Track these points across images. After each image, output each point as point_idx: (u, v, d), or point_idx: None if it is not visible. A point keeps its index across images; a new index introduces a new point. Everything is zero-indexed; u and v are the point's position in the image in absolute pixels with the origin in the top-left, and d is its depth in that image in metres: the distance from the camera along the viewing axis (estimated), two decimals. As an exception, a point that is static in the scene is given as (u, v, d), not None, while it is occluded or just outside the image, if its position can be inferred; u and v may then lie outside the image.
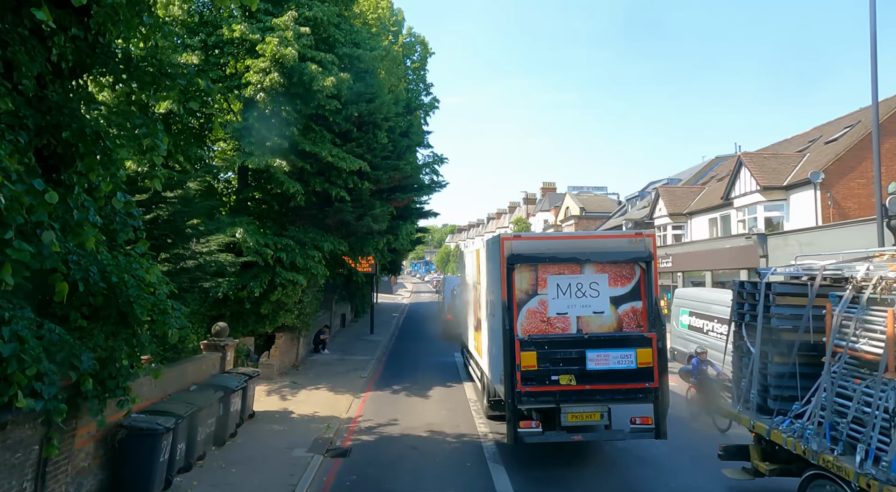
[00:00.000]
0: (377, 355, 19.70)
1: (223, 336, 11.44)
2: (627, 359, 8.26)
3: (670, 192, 31.44)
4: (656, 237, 32.09)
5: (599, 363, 8.21)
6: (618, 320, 8.57)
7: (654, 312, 8.52)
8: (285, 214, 17.27)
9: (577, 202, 48.79)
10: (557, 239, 9.95)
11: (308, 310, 17.05)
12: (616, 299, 8.60)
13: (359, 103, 16.99)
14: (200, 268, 10.31)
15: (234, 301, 14.92)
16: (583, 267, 8.61)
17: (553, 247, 8.77)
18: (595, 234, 11.71)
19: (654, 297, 8.66)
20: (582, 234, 12.12)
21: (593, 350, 8.24)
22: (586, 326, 8.51)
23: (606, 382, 8.22)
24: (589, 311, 8.54)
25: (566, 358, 8.23)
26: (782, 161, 22.41)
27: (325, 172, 16.27)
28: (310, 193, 16.62)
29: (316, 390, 14.16)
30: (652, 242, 8.78)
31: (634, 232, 9.27)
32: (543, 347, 8.23)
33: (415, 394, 14.12)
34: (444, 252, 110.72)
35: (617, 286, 8.62)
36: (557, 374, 8.18)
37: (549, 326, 8.49)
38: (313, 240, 16.05)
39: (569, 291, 8.55)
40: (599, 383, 8.21)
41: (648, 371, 8.24)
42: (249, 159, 14.42)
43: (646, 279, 8.62)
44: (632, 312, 8.60)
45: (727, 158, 34.18)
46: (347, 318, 29.42)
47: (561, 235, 11.03)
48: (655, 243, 9.01)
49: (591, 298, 8.56)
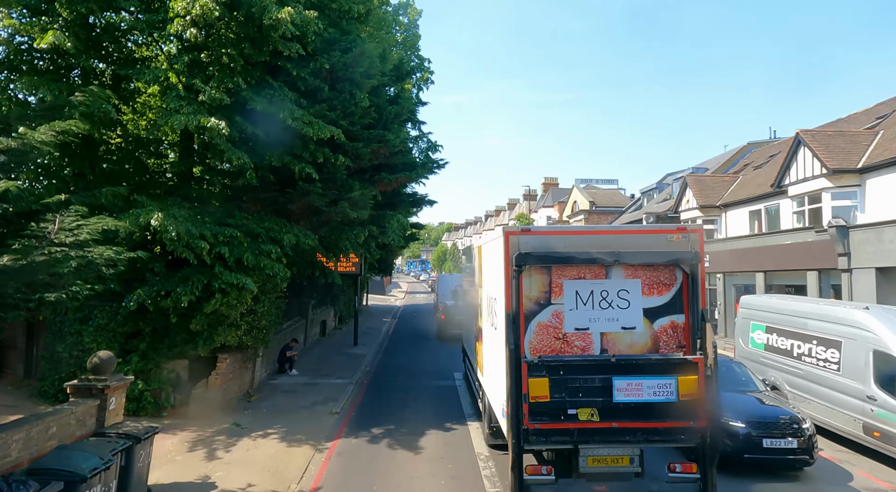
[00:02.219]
0: (357, 377, 15.72)
1: (106, 373, 7.46)
2: (666, 389, 6.76)
3: (700, 182, 27.53)
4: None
5: (630, 394, 6.77)
6: (653, 339, 7.05)
7: (701, 328, 6.89)
8: (234, 198, 13.30)
9: (585, 196, 44.91)
10: (577, 234, 7.88)
11: (264, 322, 13.08)
12: (651, 312, 7.07)
13: (331, 53, 13.01)
14: (50, 265, 6.38)
15: (157, 313, 10.96)
16: (609, 270, 7.10)
17: (571, 244, 7.11)
18: (624, 228, 9.25)
19: (702, 309, 6.97)
20: (607, 228, 9.43)
21: (622, 377, 6.80)
22: (613, 345, 7.04)
23: (638, 418, 6.77)
24: (616, 326, 7.06)
25: (587, 387, 6.81)
26: (851, 140, 18.50)
27: (285, 141, 12.31)
28: (265, 168, 12.66)
29: (264, 439, 10.18)
30: (699, 239, 7.10)
31: (676, 226, 7.39)
32: (558, 372, 6.81)
33: (401, 444, 10.17)
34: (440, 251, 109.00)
35: (652, 295, 7.07)
36: (576, 407, 6.78)
37: (566, 344, 7.04)
38: (270, 231, 12.05)
39: (591, 300, 7.07)
40: (629, 419, 6.77)
41: (693, 405, 6.71)
42: (173, 118, 10.44)
43: (690, 286, 7.01)
44: (671, 328, 7.05)
45: (761, 145, 30.42)
46: (329, 325, 25.44)
47: (581, 228, 8.43)
48: (703, 240, 7.19)
49: (620, 310, 7.07)
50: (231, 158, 11.10)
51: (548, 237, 7.28)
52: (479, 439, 10.37)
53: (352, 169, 14.33)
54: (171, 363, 11.50)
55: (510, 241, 7.04)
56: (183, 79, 11.31)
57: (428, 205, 19.03)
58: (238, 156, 11.15)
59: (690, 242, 7.07)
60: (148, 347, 11.19)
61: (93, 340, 10.97)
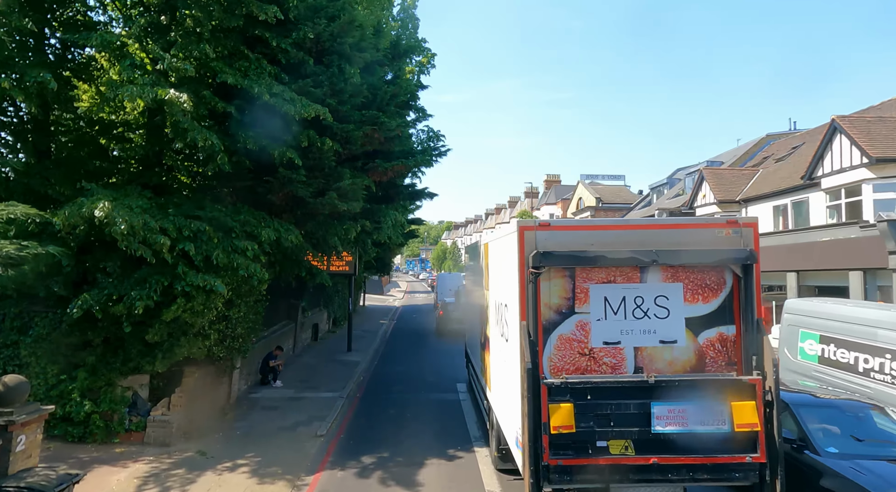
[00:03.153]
0: (349, 389, 14.06)
1: (14, 403, 5.79)
2: (717, 417, 5.71)
3: (717, 175, 25.84)
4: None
5: (672, 423, 5.70)
6: (698, 355, 6.03)
7: (757, 342, 5.84)
8: (206, 188, 11.64)
9: (591, 192, 43.18)
10: (606, 229, 6.52)
11: (240, 330, 11.42)
12: (696, 322, 6.06)
13: (316, 21, 11.34)
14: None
15: (108, 321, 9.29)
16: (645, 273, 6.08)
17: (600, 241, 6.08)
18: (664, 221, 7.53)
19: (757, 318, 5.90)
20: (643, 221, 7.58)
21: (662, 403, 5.71)
22: (650, 362, 5.99)
23: (683, 452, 5.69)
24: (654, 339, 6.03)
25: (620, 414, 5.73)
26: (894, 127, 16.82)
27: (263, 121, 10.64)
28: (241, 153, 10.99)
29: (231, 473, 8.52)
30: (753, 235, 6.08)
31: (725, 219, 6.28)
32: (584, 395, 5.73)
33: (396, 478, 8.49)
34: (440, 249, 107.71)
35: (697, 302, 6.08)
36: (606, 438, 5.71)
37: (593, 362, 6.02)
38: (245, 225, 10.39)
39: (622, 308, 6.06)
40: (672, 453, 5.68)
41: (751, 437, 5.71)
42: (123, 89, 8.75)
43: (743, 291, 6.00)
44: (719, 341, 6.05)
45: (780, 136, 28.73)
46: (322, 328, 23.78)
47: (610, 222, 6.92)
48: (757, 236, 6.12)
49: (658, 321, 6.04)
50: (196, 139, 9.42)
51: (571, 233, 6.22)
52: (488, 470, 8.73)
53: (342, 155, 12.67)
54: (128, 380, 9.84)
55: (526, 237, 6.03)
56: (138, 45, 9.64)
57: (428, 198, 17.33)
58: (205, 136, 9.47)
59: (743, 238, 6.02)
60: (98, 362, 9.51)
61: (31, 353, 9.30)
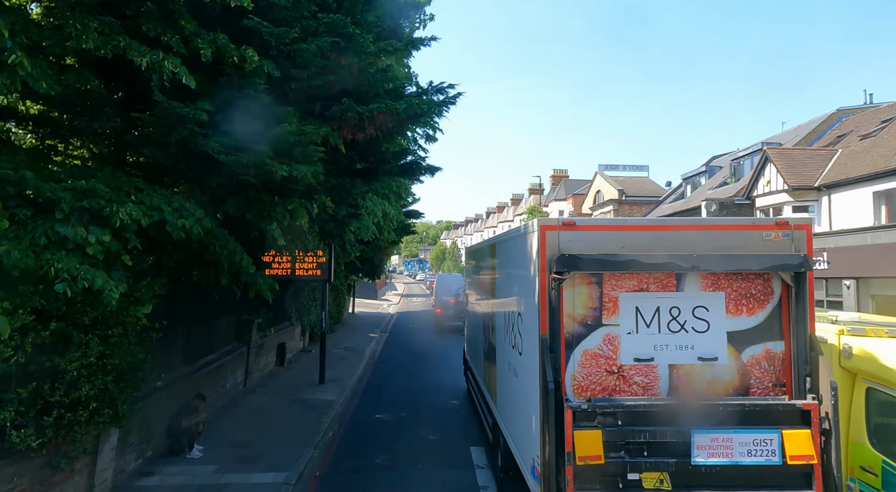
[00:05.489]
0: (305, 461, 9.04)
1: None
2: (767, 447, 4.68)
3: (786, 156, 20.84)
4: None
5: (714, 454, 4.68)
6: (742, 375, 5.04)
7: (811, 360, 4.87)
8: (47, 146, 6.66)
9: (612, 184, 38.15)
10: (639, 229, 5.29)
11: (87, 389, 6.40)
12: (739, 337, 5.06)
13: None
14: None
15: None
16: (681, 280, 5.11)
17: (632, 243, 5.06)
18: (705, 221, 5.68)
19: (809, 333, 4.93)
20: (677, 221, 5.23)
21: (704, 431, 4.71)
22: (686, 382, 5.00)
23: (727, 487, 4.69)
24: (691, 356, 5.02)
25: (654, 442, 4.72)
26: None
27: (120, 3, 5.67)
28: (88, 64, 6.03)
29: None
30: (806, 238, 5.11)
31: (775, 220, 5.22)
32: (614, 420, 4.74)
33: None
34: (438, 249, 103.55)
35: (741, 314, 5.10)
36: (639, 470, 4.68)
37: (622, 381, 5.03)
38: (87, 196, 5.45)
39: (656, 320, 5.08)
40: (715, 488, 4.68)
41: (805, 471, 4.70)
42: None
43: (794, 303, 5.01)
44: (766, 359, 5.06)
45: (855, 111, 23.92)
46: (294, 347, 18.77)
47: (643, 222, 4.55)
48: (811, 239, 5.15)
49: (696, 335, 5.06)
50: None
51: (599, 233, 5.21)
52: None
53: (286, 90, 7.70)
54: None
55: (548, 238, 5.08)
56: None
57: (429, 174, 12.20)
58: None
59: (795, 242, 5.09)
60: None
61: None
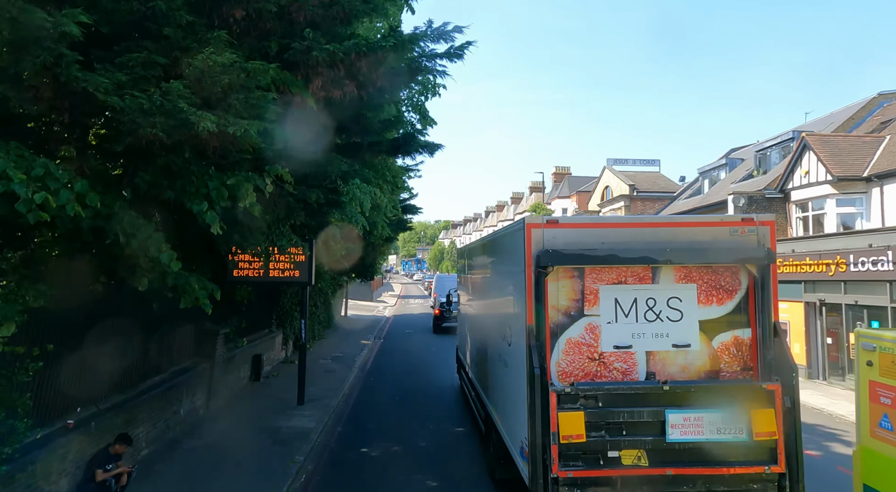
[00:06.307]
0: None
1: None
2: (734, 425, 5.33)
3: (829, 144, 18.53)
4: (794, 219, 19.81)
5: (687, 432, 5.30)
6: (712, 359, 5.73)
7: (775, 345, 5.55)
8: None
9: (623, 179, 35.86)
10: (615, 227, 6.06)
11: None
12: (710, 325, 5.75)
13: None
14: None
15: None
16: (657, 273, 5.75)
17: (610, 239, 5.69)
18: (673, 219, 6.81)
19: (773, 321, 5.64)
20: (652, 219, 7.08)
21: (677, 410, 5.33)
22: (662, 367, 5.66)
23: (699, 463, 5.30)
24: (666, 343, 5.68)
25: (632, 422, 5.35)
26: None
27: None
28: None
29: None
30: (769, 233, 5.80)
31: (741, 217, 5.95)
32: (595, 402, 5.35)
33: None
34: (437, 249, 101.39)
35: (711, 304, 5.77)
36: (618, 448, 5.29)
37: (603, 367, 5.68)
38: None
39: (634, 310, 5.72)
40: (687, 464, 5.30)
41: (770, 446, 5.34)
42: None
43: (759, 293, 5.70)
44: (734, 345, 5.75)
45: None
46: (272, 359, 16.39)
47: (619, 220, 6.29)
48: (774, 234, 5.88)
49: (671, 323, 5.72)
50: None
51: (581, 231, 5.83)
52: None
53: (223, 14, 5.36)
54: None
55: (533, 235, 5.68)
56: None
57: (427, 152, 9.86)
58: None
59: (759, 237, 5.74)
60: None
61: None
